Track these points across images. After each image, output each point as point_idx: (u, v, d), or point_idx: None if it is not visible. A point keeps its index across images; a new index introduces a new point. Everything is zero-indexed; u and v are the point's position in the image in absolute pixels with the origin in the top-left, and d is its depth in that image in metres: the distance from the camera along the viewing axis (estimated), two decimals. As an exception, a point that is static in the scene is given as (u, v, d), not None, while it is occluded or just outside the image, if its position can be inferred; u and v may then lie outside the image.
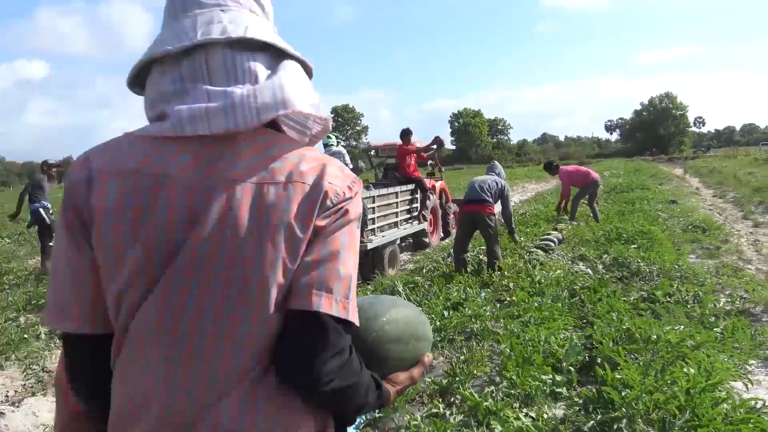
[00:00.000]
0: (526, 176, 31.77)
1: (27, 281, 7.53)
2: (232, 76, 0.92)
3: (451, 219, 11.83)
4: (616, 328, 4.16)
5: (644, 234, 8.27)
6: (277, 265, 0.87)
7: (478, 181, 6.95)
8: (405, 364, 1.13)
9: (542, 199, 16.63)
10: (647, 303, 5.00)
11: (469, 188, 6.94)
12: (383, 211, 8.37)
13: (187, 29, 0.92)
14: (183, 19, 0.95)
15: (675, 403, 2.89)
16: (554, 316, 4.62)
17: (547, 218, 11.57)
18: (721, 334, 4.15)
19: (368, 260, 7.87)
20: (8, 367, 4.96)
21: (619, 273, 6.29)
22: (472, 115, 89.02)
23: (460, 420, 3.09)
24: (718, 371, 3.28)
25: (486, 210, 6.63)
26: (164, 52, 0.91)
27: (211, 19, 0.93)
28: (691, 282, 5.73)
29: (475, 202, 6.71)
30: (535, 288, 5.59)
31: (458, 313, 4.84)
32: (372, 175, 12.07)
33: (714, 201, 15.92)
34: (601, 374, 3.34)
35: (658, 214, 11.22)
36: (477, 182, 6.91)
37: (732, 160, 35.52)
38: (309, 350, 0.88)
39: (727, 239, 8.63)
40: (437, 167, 12.50)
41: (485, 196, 6.67)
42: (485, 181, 6.89)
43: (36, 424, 4.06)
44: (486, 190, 6.72)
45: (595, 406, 3.10)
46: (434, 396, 3.45)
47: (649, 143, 74.95)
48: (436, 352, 4.20)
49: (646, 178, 22.65)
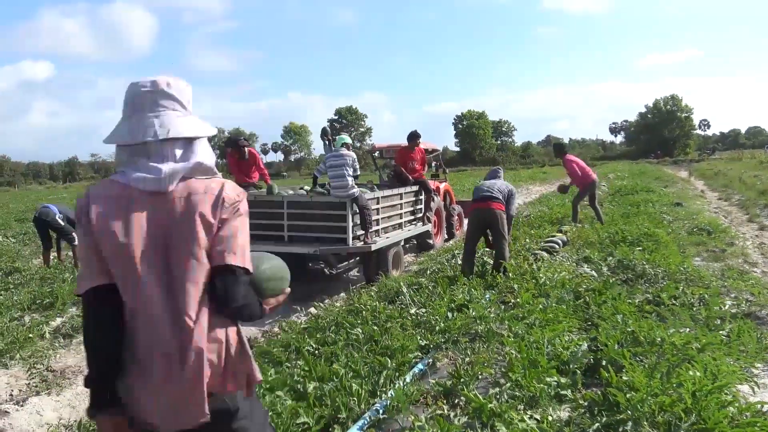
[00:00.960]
0: (531, 178, 31.71)
1: (32, 281, 7.55)
2: (160, 157, 1.67)
3: (455, 221, 11.82)
4: (621, 330, 4.14)
5: (649, 236, 8.24)
6: (202, 237, 1.63)
7: (487, 184, 6.89)
8: (274, 293, 1.90)
9: (547, 201, 16.59)
10: (652, 305, 4.98)
11: (479, 187, 6.89)
12: (387, 213, 8.37)
13: (134, 130, 1.67)
14: (132, 119, 1.69)
15: (681, 405, 2.88)
16: (559, 318, 4.61)
17: (551, 220, 11.54)
18: (726, 337, 4.13)
19: (372, 261, 7.87)
20: (13, 366, 4.98)
21: (624, 275, 6.27)
22: (476, 117, 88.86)
23: (464, 422, 3.08)
24: (724, 374, 3.27)
25: (496, 207, 6.57)
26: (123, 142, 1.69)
27: (150, 124, 1.67)
28: (697, 285, 5.70)
29: (487, 199, 6.61)
30: (539, 290, 5.57)
31: (462, 315, 4.82)
32: (376, 177, 12.07)
33: (719, 204, 15.86)
34: (606, 377, 3.33)
35: (663, 216, 11.18)
36: (486, 185, 6.85)
37: (737, 162, 35.43)
38: (229, 285, 1.65)
39: (733, 242, 8.60)
40: (441, 169, 12.51)
41: (495, 194, 6.62)
42: (495, 183, 6.86)
43: (40, 423, 4.06)
44: (497, 190, 6.68)
45: (600, 409, 3.09)
46: (438, 397, 3.44)
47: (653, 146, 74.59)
48: (440, 354, 4.19)
49: (651, 181, 22.57)
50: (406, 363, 3.97)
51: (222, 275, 1.65)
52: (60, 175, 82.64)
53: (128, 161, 1.69)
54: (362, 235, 7.48)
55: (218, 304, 1.66)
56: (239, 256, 1.68)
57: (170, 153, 1.69)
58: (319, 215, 7.51)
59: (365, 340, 4.44)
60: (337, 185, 7.43)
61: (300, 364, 4.03)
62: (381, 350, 4.17)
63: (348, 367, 3.83)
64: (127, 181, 1.66)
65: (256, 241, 7.64)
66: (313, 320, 5.39)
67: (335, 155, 7.67)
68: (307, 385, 3.53)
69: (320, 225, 7.50)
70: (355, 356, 4.08)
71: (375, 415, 3.21)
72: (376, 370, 3.77)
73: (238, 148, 8.87)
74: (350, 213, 7.29)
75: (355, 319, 5.08)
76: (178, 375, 1.59)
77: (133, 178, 1.65)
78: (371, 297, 5.97)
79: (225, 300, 1.65)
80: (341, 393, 3.38)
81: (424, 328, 4.68)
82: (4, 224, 15.50)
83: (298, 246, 7.47)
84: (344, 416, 3.17)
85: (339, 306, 6.08)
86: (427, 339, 4.41)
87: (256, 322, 6.68)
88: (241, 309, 1.70)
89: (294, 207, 7.65)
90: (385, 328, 4.68)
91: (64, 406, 4.37)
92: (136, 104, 1.71)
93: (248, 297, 1.71)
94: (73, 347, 5.43)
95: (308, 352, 4.32)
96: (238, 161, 8.93)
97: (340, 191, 7.37)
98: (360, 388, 3.43)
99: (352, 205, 7.33)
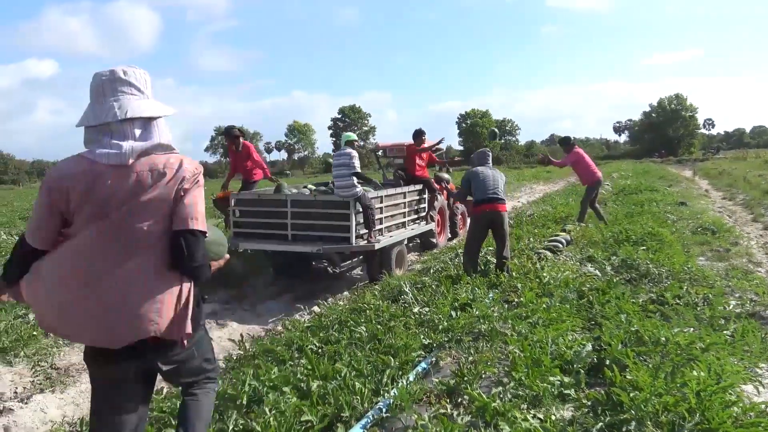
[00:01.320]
0: (534, 177, 31.65)
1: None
2: (122, 135, 1.98)
3: (459, 220, 11.81)
4: (624, 330, 4.14)
5: (653, 236, 8.22)
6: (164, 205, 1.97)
7: (489, 177, 6.60)
8: (217, 257, 2.36)
9: (550, 200, 16.56)
10: (656, 305, 4.97)
11: (482, 182, 6.55)
12: (391, 212, 8.37)
13: (97, 113, 1.99)
14: (97, 104, 2.01)
15: (685, 405, 2.87)
16: (562, 318, 4.60)
17: (555, 219, 11.52)
18: (731, 336, 4.12)
19: (376, 260, 7.87)
20: (17, 364, 4.99)
21: (627, 275, 6.25)
22: (479, 115, 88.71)
23: (467, 420, 3.07)
24: (729, 374, 3.26)
25: (505, 208, 6.58)
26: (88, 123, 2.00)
27: (110, 107, 1.98)
28: (701, 284, 5.69)
29: (495, 201, 6.49)
30: (543, 289, 5.57)
31: (466, 314, 4.82)
32: (380, 175, 12.08)
33: (723, 203, 15.81)
34: (610, 376, 3.32)
35: (667, 215, 11.15)
36: (490, 176, 6.60)
37: (742, 162, 35.27)
38: (192, 246, 2.00)
39: (737, 241, 8.57)
40: (445, 168, 12.49)
41: (502, 195, 6.58)
42: (494, 176, 6.64)
43: (44, 421, 4.08)
44: (502, 188, 6.63)
45: (603, 408, 3.09)
46: (442, 396, 3.44)
47: (658, 145, 74.29)
48: (443, 353, 4.19)
49: (655, 180, 22.51)
50: (410, 362, 3.97)
51: (186, 238, 1.99)
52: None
53: (94, 140, 2.00)
54: (365, 234, 7.49)
55: (181, 263, 2.00)
56: (200, 222, 2.03)
57: (130, 132, 2.00)
58: (322, 214, 7.52)
59: (368, 339, 4.44)
60: (341, 184, 7.44)
61: (303, 362, 4.03)
62: (384, 349, 4.17)
63: (351, 365, 3.84)
64: (93, 157, 1.95)
65: (260, 240, 7.71)
66: (317, 319, 5.39)
67: (339, 154, 7.68)
68: (311, 383, 3.53)
69: (324, 224, 7.51)
70: (359, 355, 4.08)
71: (378, 413, 3.22)
72: (380, 368, 3.77)
73: (231, 139, 8.81)
74: (353, 212, 7.29)
75: (359, 317, 5.08)
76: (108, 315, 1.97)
77: (98, 153, 1.95)
78: (374, 296, 5.98)
79: (188, 259, 1.99)
80: (344, 391, 3.39)
81: (427, 326, 4.68)
82: (9, 222, 15.54)
83: (302, 245, 7.48)
84: (347, 415, 3.17)
85: (342, 305, 6.08)
86: (430, 338, 4.41)
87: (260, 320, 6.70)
88: (200, 268, 2.05)
89: (298, 206, 7.66)
90: (388, 327, 4.68)
91: (68, 403, 4.39)
92: (98, 91, 2.02)
93: (205, 258, 2.07)
94: (77, 345, 5.44)
95: (311, 351, 4.32)
96: (235, 153, 8.92)
97: (343, 190, 7.38)
98: (363, 387, 3.43)
99: (356, 204, 7.33)
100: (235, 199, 7.95)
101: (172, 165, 2.00)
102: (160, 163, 1.99)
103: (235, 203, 7.92)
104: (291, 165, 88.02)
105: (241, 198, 8.03)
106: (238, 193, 8.23)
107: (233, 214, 7.92)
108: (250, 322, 6.65)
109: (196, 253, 2.00)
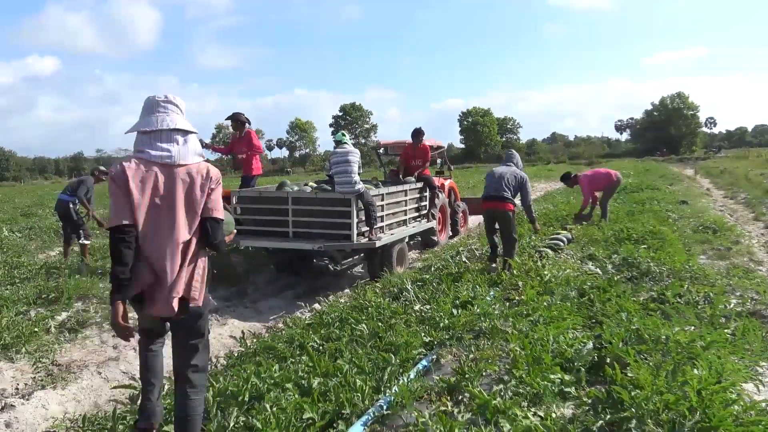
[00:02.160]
0: (536, 175, 31.64)
1: (37, 275, 7.58)
2: (168, 141, 2.75)
3: (460, 218, 11.81)
4: (625, 328, 4.14)
5: (654, 234, 8.22)
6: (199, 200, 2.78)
7: (497, 173, 6.96)
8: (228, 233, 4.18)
9: (552, 199, 16.55)
10: (657, 303, 4.97)
11: (489, 180, 7.00)
12: (392, 209, 8.37)
13: (152, 122, 2.75)
14: (151, 116, 2.77)
15: (685, 404, 2.87)
16: (563, 316, 4.60)
17: (556, 217, 11.51)
18: (731, 335, 4.12)
19: (377, 258, 7.87)
20: (18, 360, 5.00)
21: (628, 273, 6.26)
22: (481, 114, 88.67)
23: (468, 418, 3.08)
24: (729, 373, 3.26)
25: (505, 207, 6.73)
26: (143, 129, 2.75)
27: (163, 119, 2.75)
28: (702, 283, 5.69)
29: (495, 199, 6.80)
30: (544, 287, 5.57)
31: (467, 312, 4.82)
32: (381, 173, 12.07)
33: (725, 202, 15.80)
34: (611, 374, 3.32)
35: (668, 214, 11.15)
36: (497, 175, 6.93)
37: (743, 161, 35.25)
38: (215, 229, 2.82)
39: (738, 240, 8.57)
40: (446, 166, 12.49)
41: (505, 193, 6.74)
42: (504, 175, 6.90)
43: (46, 417, 4.09)
44: (506, 186, 6.77)
45: (604, 406, 3.09)
46: (442, 394, 3.45)
47: (659, 143, 74.19)
48: (444, 351, 4.20)
49: (657, 179, 22.50)
50: (410, 359, 3.98)
51: (210, 223, 2.82)
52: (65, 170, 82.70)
53: (148, 143, 2.75)
54: (367, 231, 7.49)
55: (207, 239, 2.83)
56: (220, 212, 2.88)
57: (175, 139, 2.78)
58: (323, 211, 7.52)
59: (369, 337, 4.45)
60: (342, 181, 7.43)
61: (304, 359, 4.04)
62: (385, 346, 4.17)
63: (352, 363, 3.84)
64: (148, 157, 2.72)
65: (261, 237, 7.71)
66: (318, 316, 5.39)
67: (340, 152, 7.67)
68: (312, 380, 3.54)
69: (325, 221, 7.50)
70: (360, 352, 4.08)
71: (379, 411, 3.22)
72: (380, 366, 3.78)
73: (238, 124, 8.89)
74: (355, 209, 7.29)
75: (360, 315, 5.08)
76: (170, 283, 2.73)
77: (153, 155, 2.72)
78: (375, 293, 5.98)
79: (212, 237, 2.83)
80: (345, 389, 3.39)
81: (428, 324, 4.69)
82: (11, 219, 15.54)
83: (303, 242, 7.47)
84: (348, 412, 3.18)
85: (343, 302, 6.09)
86: (431, 335, 4.41)
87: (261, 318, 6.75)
88: (219, 244, 2.90)
89: (299, 203, 7.66)
90: (389, 325, 4.69)
91: (69, 400, 4.39)
92: (152, 107, 2.81)
93: (223, 235, 2.95)
94: (78, 342, 5.45)
95: (313, 348, 4.33)
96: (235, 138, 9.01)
97: (344, 187, 7.37)
98: (364, 384, 3.43)
99: (357, 202, 7.33)
100: (236, 197, 7.95)
101: (202, 171, 2.83)
102: (194, 168, 2.81)
103: (236, 200, 7.91)
104: (293, 162, 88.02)
105: (242, 195, 8.03)
106: (239, 191, 8.23)
107: (234, 212, 7.92)
108: (251, 319, 6.65)
109: (219, 234, 2.86)
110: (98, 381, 4.62)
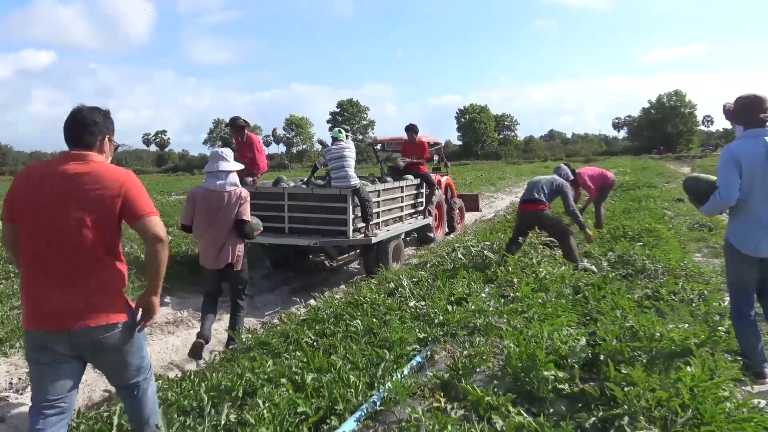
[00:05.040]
0: (533, 172, 31.64)
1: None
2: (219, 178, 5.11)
3: (456, 214, 11.82)
4: (619, 325, 4.14)
5: (650, 232, 8.23)
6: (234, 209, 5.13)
7: (534, 180, 7.26)
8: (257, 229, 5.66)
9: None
10: (652, 301, 4.98)
11: (527, 187, 7.30)
12: (388, 206, 8.37)
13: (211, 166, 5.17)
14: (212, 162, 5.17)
15: (678, 401, 2.88)
16: (558, 313, 4.60)
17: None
18: (725, 333, 4.13)
19: (373, 254, 7.87)
20: (12, 355, 5.00)
21: (624, 270, 6.27)
22: (478, 110, 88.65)
23: (461, 414, 3.08)
24: (722, 370, 3.27)
25: (536, 208, 6.87)
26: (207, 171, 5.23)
27: (217, 165, 5.11)
28: (697, 280, 5.70)
29: (526, 202, 7.02)
30: (539, 284, 5.57)
31: (462, 308, 4.83)
32: (378, 169, 12.06)
33: (721, 200, 15.79)
34: (605, 371, 3.33)
35: (664, 212, 11.17)
36: (532, 182, 7.24)
37: (740, 159, 35.19)
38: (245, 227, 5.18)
39: (734, 238, 8.56)
40: (443, 162, 12.48)
41: (536, 195, 6.92)
42: (540, 180, 7.15)
43: (39, 412, 4.07)
44: (538, 190, 6.96)
45: (597, 403, 3.09)
46: (436, 390, 3.45)
47: (656, 141, 74.32)
48: (438, 347, 4.20)
49: (653, 176, 22.53)
50: (405, 355, 3.97)
51: (241, 224, 5.09)
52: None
53: (208, 178, 5.09)
54: (363, 227, 7.49)
55: (240, 233, 5.11)
56: (247, 215, 5.13)
57: (222, 176, 5.06)
58: (320, 207, 7.52)
59: (364, 333, 4.44)
60: (338, 176, 7.43)
61: (299, 355, 4.04)
62: (379, 342, 4.17)
63: (346, 359, 3.84)
64: (209, 186, 5.05)
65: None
66: (313, 312, 5.39)
67: (335, 147, 7.66)
68: (306, 376, 3.54)
69: (321, 217, 7.50)
70: (354, 348, 4.08)
71: (372, 406, 3.22)
72: (374, 362, 3.78)
73: (237, 129, 8.66)
74: (351, 205, 7.29)
75: (355, 311, 5.08)
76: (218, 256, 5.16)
77: (210, 184, 5.05)
78: (371, 289, 5.98)
79: (244, 233, 5.13)
80: (339, 384, 3.39)
81: (422, 321, 4.69)
82: (6, 213, 15.51)
83: (299, 238, 7.48)
84: (341, 407, 3.17)
85: (338, 298, 6.09)
86: (425, 332, 4.41)
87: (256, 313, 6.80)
88: (248, 235, 5.19)
89: (295, 198, 7.65)
90: (384, 321, 4.69)
91: (64, 394, 4.38)
92: (213, 156, 5.16)
93: (251, 231, 5.28)
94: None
95: (307, 344, 4.33)
96: (240, 144, 8.80)
97: (340, 182, 7.37)
98: (358, 380, 3.43)
99: (353, 197, 7.33)
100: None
101: (237, 193, 5.08)
102: (233, 191, 5.07)
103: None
104: (290, 158, 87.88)
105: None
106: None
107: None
108: (246, 314, 6.64)
109: (248, 230, 5.16)
110: (92, 375, 4.61)
